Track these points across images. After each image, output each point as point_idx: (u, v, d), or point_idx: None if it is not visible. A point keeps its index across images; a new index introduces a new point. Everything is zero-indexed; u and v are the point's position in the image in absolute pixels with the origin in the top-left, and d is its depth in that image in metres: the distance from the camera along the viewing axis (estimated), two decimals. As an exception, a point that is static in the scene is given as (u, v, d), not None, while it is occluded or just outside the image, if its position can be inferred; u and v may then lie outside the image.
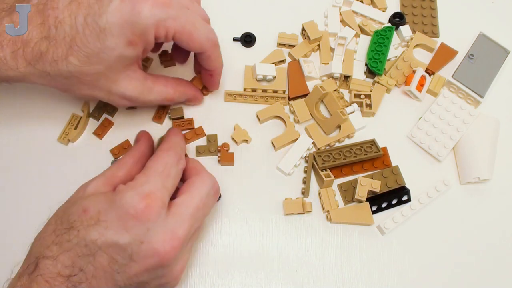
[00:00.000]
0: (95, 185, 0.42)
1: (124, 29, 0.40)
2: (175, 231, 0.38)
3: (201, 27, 0.44)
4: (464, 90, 0.55)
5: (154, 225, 0.37)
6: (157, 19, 0.40)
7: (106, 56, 0.41)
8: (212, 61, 0.48)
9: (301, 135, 0.53)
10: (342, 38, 0.56)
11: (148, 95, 0.47)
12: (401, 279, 0.49)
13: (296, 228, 0.50)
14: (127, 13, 0.39)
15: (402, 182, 0.51)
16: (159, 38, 0.42)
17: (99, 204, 0.39)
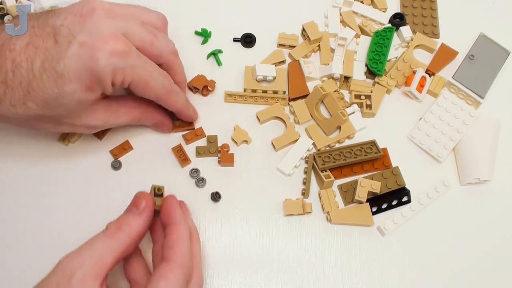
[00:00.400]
0: (82, 276, 0.36)
1: (82, 75, 0.39)
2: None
3: (157, 76, 0.45)
4: (465, 91, 0.55)
5: None
6: (114, 68, 0.40)
7: (66, 101, 0.40)
8: (170, 105, 0.48)
9: (301, 136, 0.53)
10: (342, 38, 0.56)
11: (116, 120, 0.47)
12: (401, 280, 0.49)
13: (296, 229, 0.50)
14: (86, 59, 0.39)
15: (402, 183, 0.51)
16: (115, 84, 0.42)
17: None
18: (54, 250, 0.48)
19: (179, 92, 0.49)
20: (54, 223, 0.49)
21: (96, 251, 0.37)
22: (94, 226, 0.49)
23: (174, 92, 0.48)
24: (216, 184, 0.51)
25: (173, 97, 0.48)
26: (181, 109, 0.50)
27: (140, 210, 0.40)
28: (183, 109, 0.50)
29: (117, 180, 0.51)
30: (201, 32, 0.58)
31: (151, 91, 0.45)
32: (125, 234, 0.38)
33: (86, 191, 0.51)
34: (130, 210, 0.40)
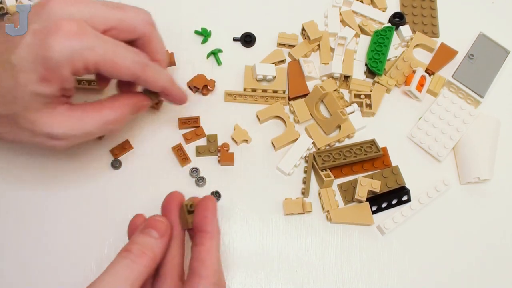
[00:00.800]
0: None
1: (36, 64, 0.37)
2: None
3: (124, 52, 0.40)
4: (464, 90, 0.55)
5: None
6: (70, 52, 0.37)
7: (20, 94, 0.38)
8: (151, 84, 0.43)
9: (301, 135, 0.53)
10: (342, 38, 0.56)
11: (83, 127, 0.41)
12: (401, 279, 0.49)
13: (296, 228, 0.50)
14: (38, 47, 0.37)
15: (402, 182, 0.51)
16: (78, 72, 0.39)
17: None
18: (54, 250, 0.49)
19: (158, 68, 0.44)
20: (54, 222, 0.49)
21: (122, 278, 0.34)
22: (94, 225, 0.49)
23: (151, 66, 0.43)
24: (216, 183, 0.51)
25: (151, 72, 0.42)
26: (165, 86, 0.44)
27: (160, 234, 0.37)
28: (167, 86, 0.44)
29: (117, 179, 0.51)
30: (201, 31, 0.58)
31: (122, 70, 0.40)
32: (149, 259, 0.35)
33: (86, 190, 0.51)
34: (148, 233, 0.36)
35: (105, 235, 0.49)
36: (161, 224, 0.37)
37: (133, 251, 0.35)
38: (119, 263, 0.35)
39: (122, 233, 0.49)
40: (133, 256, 0.35)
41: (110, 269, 0.34)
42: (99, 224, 0.49)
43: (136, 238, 0.36)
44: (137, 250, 0.35)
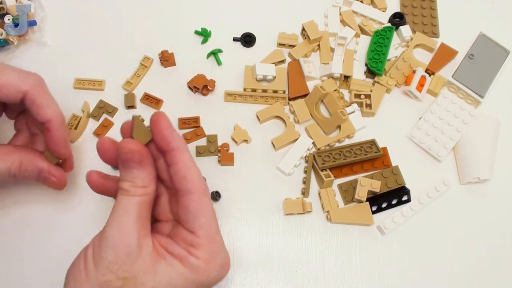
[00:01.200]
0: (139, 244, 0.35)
1: None
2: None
3: (11, 69, 0.40)
4: (464, 90, 0.55)
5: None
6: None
7: None
8: (41, 107, 0.42)
9: (301, 135, 0.53)
10: (342, 38, 0.56)
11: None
12: (401, 279, 0.49)
13: (296, 228, 0.50)
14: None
15: (402, 182, 0.51)
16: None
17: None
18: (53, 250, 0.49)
19: (52, 98, 0.43)
20: (54, 222, 0.49)
21: (127, 212, 0.35)
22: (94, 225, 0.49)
23: (45, 90, 0.43)
24: (216, 183, 0.51)
25: (44, 96, 0.42)
26: (52, 119, 0.42)
27: (139, 163, 0.36)
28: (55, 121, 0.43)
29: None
30: (201, 31, 0.58)
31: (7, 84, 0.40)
32: (142, 188, 0.36)
33: (86, 190, 0.51)
34: (129, 167, 0.36)
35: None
36: (134, 154, 0.35)
37: (125, 188, 0.36)
38: (118, 202, 0.36)
39: (122, 233, 0.49)
40: (128, 192, 0.36)
41: (114, 207, 0.36)
42: (99, 224, 0.49)
43: (122, 174, 0.36)
44: (129, 186, 0.35)
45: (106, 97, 0.55)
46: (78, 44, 0.57)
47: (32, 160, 0.44)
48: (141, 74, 0.56)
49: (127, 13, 0.59)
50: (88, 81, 0.55)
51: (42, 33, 0.57)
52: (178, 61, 0.57)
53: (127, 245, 0.34)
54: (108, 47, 0.57)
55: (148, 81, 0.56)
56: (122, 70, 0.56)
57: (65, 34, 0.58)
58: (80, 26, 0.59)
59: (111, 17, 0.59)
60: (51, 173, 0.44)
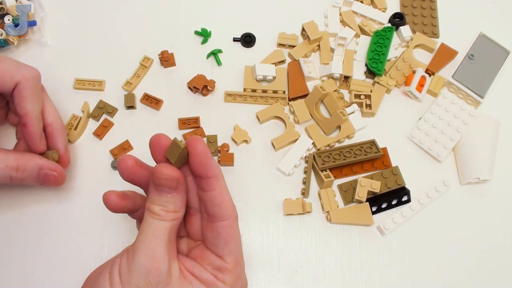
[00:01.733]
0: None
1: None
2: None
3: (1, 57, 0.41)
4: (464, 91, 0.55)
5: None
6: None
7: None
8: (24, 99, 0.42)
9: (301, 136, 0.53)
10: (342, 38, 0.56)
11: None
12: (401, 279, 0.49)
13: (296, 228, 0.50)
14: None
15: (402, 182, 0.51)
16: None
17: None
18: (53, 250, 0.49)
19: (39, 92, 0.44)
20: (54, 222, 0.49)
21: (157, 234, 0.34)
22: (94, 225, 0.49)
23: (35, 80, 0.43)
24: (216, 183, 0.51)
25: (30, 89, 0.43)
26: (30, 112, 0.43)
27: (173, 188, 0.35)
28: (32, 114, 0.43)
29: (117, 180, 0.51)
30: (201, 32, 0.58)
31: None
32: (173, 213, 0.35)
33: (86, 190, 0.51)
34: (163, 192, 0.35)
35: (105, 235, 0.49)
36: (171, 181, 0.35)
37: (157, 212, 0.35)
38: (149, 225, 0.35)
39: (121, 233, 0.49)
40: (159, 216, 0.35)
41: (143, 230, 0.35)
42: (99, 224, 0.49)
43: (154, 197, 0.35)
44: (160, 211, 0.35)
45: (106, 97, 0.55)
46: (78, 44, 0.57)
47: (31, 159, 0.44)
48: (141, 74, 0.56)
49: (127, 13, 0.59)
50: (88, 81, 0.55)
51: (42, 33, 0.57)
52: (178, 61, 0.57)
53: (158, 271, 0.33)
54: (108, 47, 0.57)
55: (148, 81, 0.56)
56: (122, 70, 0.56)
57: (65, 34, 0.58)
58: (80, 26, 0.59)
59: (111, 17, 0.59)
60: (52, 169, 0.44)
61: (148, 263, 0.33)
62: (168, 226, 0.35)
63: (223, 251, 0.36)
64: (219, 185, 0.36)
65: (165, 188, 0.35)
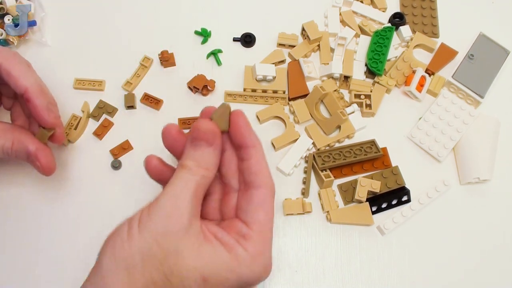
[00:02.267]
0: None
1: None
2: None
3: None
4: (464, 91, 0.55)
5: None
6: None
7: None
8: (15, 78, 0.42)
9: (301, 136, 0.53)
10: (342, 38, 0.56)
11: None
12: (401, 279, 0.49)
13: (296, 229, 0.50)
14: None
15: (402, 182, 0.51)
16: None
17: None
18: (54, 250, 0.49)
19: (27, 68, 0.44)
20: (54, 222, 0.49)
21: (184, 188, 0.34)
22: (94, 225, 0.49)
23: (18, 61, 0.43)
24: (216, 183, 0.51)
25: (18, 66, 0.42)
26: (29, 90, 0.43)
27: (210, 144, 0.35)
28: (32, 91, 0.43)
29: (117, 180, 0.51)
30: (201, 32, 0.58)
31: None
32: (206, 169, 0.35)
33: (86, 190, 0.51)
34: (199, 146, 0.35)
35: (105, 235, 0.49)
36: (209, 134, 0.35)
37: (189, 166, 0.35)
38: (178, 177, 0.35)
39: (122, 233, 0.49)
40: (190, 170, 0.35)
41: (171, 182, 0.34)
42: (99, 224, 0.49)
43: (188, 153, 0.36)
44: (193, 165, 0.35)
45: (106, 97, 0.55)
46: (78, 44, 0.57)
47: (22, 142, 0.44)
48: (141, 74, 0.56)
49: (127, 13, 0.59)
50: (88, 81, 0.55)
51: (42, 33, 0.57)
52: (178, 61, 0.57)
53: (179, 218, 0.33)
54: (108, 47, 0.57)
55: (148, 81, 0.56)
56: (122, 70, 0.56)
57: (65, 34, 0.58)
58: (80, 26, 0.59)
59: (111, 17, 0.59)
60: (37, 158, 0.43)
61: (170, 207, 0.33)
62: (197, 181, 0.34)
63: (251, 219, 0.35)
64: (257, 154, 0.37)
65: (202, 141, 0.35)
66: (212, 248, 0.34)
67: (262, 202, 0.36)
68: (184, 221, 0.33)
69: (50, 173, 0.45)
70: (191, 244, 0.33)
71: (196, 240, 0.33)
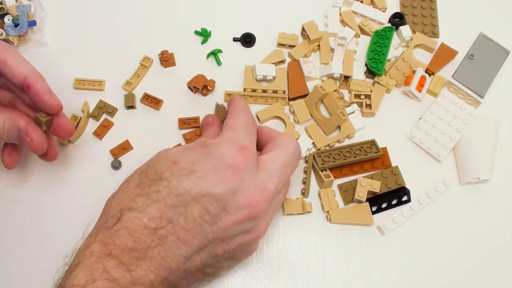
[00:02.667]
0: (177, 147, 0.41)
1: None
2: (265, 185, 0.38)
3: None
4: (464, 90, 0.55)
5: (248, 177, 0.38)
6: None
7: None
8: (11, 66, 0.42)
9: (301, 136, 0.53)
10: (342, 38, 0.56)
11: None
12: (401, 279, 0.49)
13: (296, 228, 0.50)
14: None
15: (402, 182, 0.51)
16: None
17: (191, 156, 0.38)
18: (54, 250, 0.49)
19: (20, 56, 0.43)
20: (54, 222, 0.49)
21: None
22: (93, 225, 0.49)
23: (12, 49, 0.43)
24: (216, 183, 0.51)
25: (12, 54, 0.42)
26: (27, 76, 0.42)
27: (210, 125, 0.48)
28: (30, 77, 0.42)
29: (117, 180, 0.51)
30: (201, 32, 0.58)
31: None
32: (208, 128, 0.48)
33: (86, 190, 0.51)
34: (204, 127, 0.49)
35: (105, 235, 0.49)
36: (208, 119, 0.50)
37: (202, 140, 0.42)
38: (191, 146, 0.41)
39: (122, 233, 0.49)
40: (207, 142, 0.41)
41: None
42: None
43: (202, 133, 0.50)
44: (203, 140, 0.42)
45: (106, 97, 0.55)
46: (78, 44, 0.57)
47: (13, 119, 0.43)
48: (141, 74, 0.56)
49: (127, 13, 0.59)
50: (88, 81, 0.55)
51: (42, 33, 0.57)
52: (178, 61, 0.57)
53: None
54: (108, 47, 0.57)
55: (148, 81, 0.56)
56: (122, 70, 0.56)
57: (65, 34, 0.58)
58: (80, 26, 0.59)
59: (111, 17, 0.59)
60: (27, 134, 0.42)
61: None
62: None
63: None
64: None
65: (206, 125, 0.49)
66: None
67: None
68: None
69: (42, 149, 0.44)
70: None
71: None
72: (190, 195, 0.36)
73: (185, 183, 0.36)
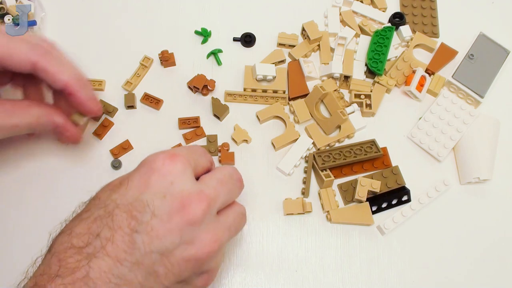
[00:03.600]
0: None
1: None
2: (202, 188, 0.36)
3: (19, 40, 0.42)
4: (464, 90, 0.55)
5: (178, 179, 0.35)
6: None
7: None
8: (53, 74, 0.42)
9: (301, 135, 0.53)
10: (342, 38, 0.56)
11: (9, 119, 0.42)
12: (401, 279, 0.49)
13: (296, 228, 0.50)
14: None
15: (402, 182, 0.51)
16: None
17: (129, 173, 0.37)
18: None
19: (63, 60, 0.44)
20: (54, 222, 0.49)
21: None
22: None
23: (54, 55, 0.43)
24: (216, 183, 0.51)
25: (53, 61, 0.43)
26: (69, 82, 0.43)
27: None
28: (71, 83, 0.43)
29: (117, 179, 0.51)
30: (201, 31, 0.58)
31: (17, 54, 0.42)
32: None
33: (86, 190, 0.51)
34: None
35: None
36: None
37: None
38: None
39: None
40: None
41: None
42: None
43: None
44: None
45: (106, 97, 0.55)
46: (78, 44, 0.57)
47: (49, 115, 0.45)
48: (141, 74, 0.56)
49: (127, 13, 0.59)
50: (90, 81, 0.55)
51: (42, 33, 0.57)
52: (178, 61, 0.57)
53: None
54: (108, 47, 0.57)
55: (148, 81, 0.56)
56: (122, 70, 0.56)
57: (65, 34, 0.58)
58: (80, 26, 0.59)
59: (111, 17, 0.59)
60: (66, 129, 0.46)
61: None
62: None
63: None
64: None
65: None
66: None
67: None
68: None
69: (79, 141, 0.48)
70: None
71: None
72: (115, 204, 0.34)
73: (113, 195, 0.35)
